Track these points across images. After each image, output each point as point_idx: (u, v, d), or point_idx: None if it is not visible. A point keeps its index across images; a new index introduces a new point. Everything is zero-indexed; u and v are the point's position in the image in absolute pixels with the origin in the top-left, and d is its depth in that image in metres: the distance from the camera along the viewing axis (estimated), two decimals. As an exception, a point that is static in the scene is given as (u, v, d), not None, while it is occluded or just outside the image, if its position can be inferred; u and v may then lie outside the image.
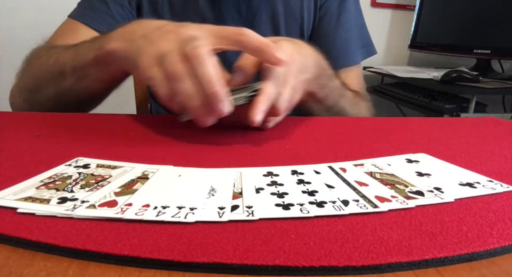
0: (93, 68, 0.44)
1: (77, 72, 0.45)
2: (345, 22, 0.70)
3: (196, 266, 0.18)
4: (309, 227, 0.21)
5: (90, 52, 0.43)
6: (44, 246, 0.19)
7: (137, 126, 0.42)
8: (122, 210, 0.21)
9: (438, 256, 0.19)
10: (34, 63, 0.51)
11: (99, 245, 0.18)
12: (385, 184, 0.27)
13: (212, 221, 0.21)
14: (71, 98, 0.48)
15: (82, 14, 0.59)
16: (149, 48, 0.36)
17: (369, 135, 0.42)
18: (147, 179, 0.26)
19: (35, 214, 0.21)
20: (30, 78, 0.51)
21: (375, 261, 0.18)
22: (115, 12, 0.60)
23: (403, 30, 1.93)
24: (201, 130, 0.41)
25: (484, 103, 1.50)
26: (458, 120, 0.51)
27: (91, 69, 0.44)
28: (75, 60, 0.45)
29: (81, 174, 0.27)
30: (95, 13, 0.59)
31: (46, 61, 0.49)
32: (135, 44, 0.38)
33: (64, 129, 0.39)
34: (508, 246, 0.20)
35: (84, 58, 0.44)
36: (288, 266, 0.17)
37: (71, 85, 0.47)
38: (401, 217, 0.22)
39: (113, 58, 0.41)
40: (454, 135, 0.43)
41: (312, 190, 0.25)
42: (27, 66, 0.53)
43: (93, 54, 0.43)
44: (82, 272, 0.17)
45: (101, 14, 0.59)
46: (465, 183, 0.28)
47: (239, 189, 0.25)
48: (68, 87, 0.47)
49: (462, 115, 1.37)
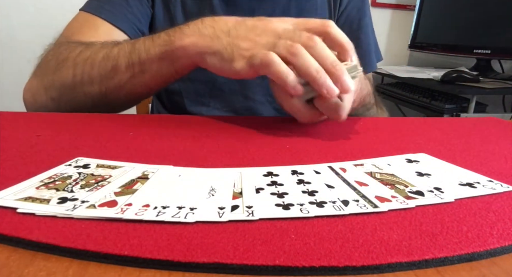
0: (156, 63, 0.44)
1: (134, 68, 0.45)
2: (365, 27, 0.71)
3: (196, 266, 0.18)
4: (309, 227, 0.21)
5: (154, 47, 0.43)
6: (44, 246, 0.19)
7: (137, 126, 0.42)
8: (122, 210, 0.21)
9: (438, 256, 0.19)
10: (69, 60, 0.48)
11: (99, 245, 0.18)
12: (385, 184, 0.27)
13: (212, 221, 0.21)
14: (121, 94, 0.47)
15: (101, 9, 0.56)
16: (244, 43, 0.38)
17: (369, 135, 0.42)
18: (147, 179, 0.26)
19: (35, 214, 0.21)
20: (64, 75, 0.48)
21: (375, 261, 0.18)
22: (135, 8, 0.59)
23: (403, 30, 1.93)
24: (201, 131, 0.41)
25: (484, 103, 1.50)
26: (458, 120, 0.51)
27: (154, 65, 0.44)
28: (131, 55, 0.45)
29: (81, 174, 0.27)
30: (115, 9, 0.57)
31: (90, 58, 0.47)
32: (221, 40, 0.39)
33: (64, 129, 0.39)
34: (508, 246, 0.20)
35: (145, 53, 0.44)
36: (288, 266, 0.17)
37: (124, 81, 0.46)
38: (401, 217, 0.22)
39: (186, 54, 0.41)
40: (454, 135, 0.43)
41: (312, 190, 0.25)
42: (54, 63, 0.49)
43: (158, 49, 0.43)
44: (82, 272, 0.17)
45: (121, 9, 0.57)
46: (465, 183, 0.28)
47: (239, 189, 0.25)
48: (120, 84, 0.46)
49: (462, 115, 1.37)
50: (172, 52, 0.42)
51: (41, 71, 0.51)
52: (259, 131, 0.41)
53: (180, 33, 0.42)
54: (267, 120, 0.47)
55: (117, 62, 0.45)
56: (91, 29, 0.55)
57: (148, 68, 0.44)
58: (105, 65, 0.46)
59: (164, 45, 0.43)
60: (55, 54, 0.51)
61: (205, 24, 0.41)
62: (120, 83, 0.46)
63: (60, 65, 0.49)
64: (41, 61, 0.52)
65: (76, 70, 0.47)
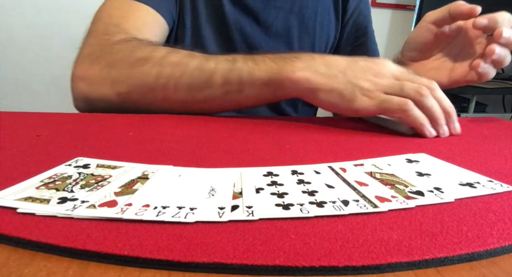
0: (257, 87, 0.44)
1: (231, 86, 0.45)
2: (371, 33, 0.73)
3: (196, 266, 0.18)
4: (309, 227, 0.21)
5: (259, 71, 0.43)
6: (44, 246, 0.19)
7: (137, 126, 0.42)
8: (122, 210, 0.21)
9: (438, 256, 0.19)
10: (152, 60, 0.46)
11: (99, 245, 0.18)
12: (385, 184, 0.27)
13: (212, 221, 0.21)
14: (205, 106, 0.47)
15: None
16: (365, 83, 0.41)
17: (369, 135, 0.42)
18: (147, 179, 0.26)
19: (35, 214, 0.21)
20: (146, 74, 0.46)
21: (375, 261, 0.18)
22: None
23: (403, 30, 1.93)
24: (201, 130, 0.41)
25: (484, 103, 1.50)
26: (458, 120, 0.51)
27: (255, 88, 0.44)
28: (230, 73, 0.44)
29: (81, 174, 0.27)
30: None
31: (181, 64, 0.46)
32: (338, 79, 0.41)
33: (64, 129, 0.39)
34: (508, 246, 0.20)
35: (247, 75, 0.44)
36: (288, 266, 0.17)
37: (216, 96, 0.46)
38: (401, 217, 0.22)
39: (295, 87, 0.42)
40: (454, 135, 0.43)
41: (312, 190, 0.25)
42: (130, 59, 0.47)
43: (265, 74, 0.43)
44: (82, 272, 0.17)
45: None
46: (465, 183, 0.28)
47: (239, 189, 0.25)
48: (210, 97, 0.46)
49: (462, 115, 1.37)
50: (280, 82, 0.43)
51: (107, 62, 0.48)
52: (259, 131, 0.41)
53: (292, 66, 0.42)
54: (267, 120, 0.47)
55: (213, 76, 0.45)
56: (134, 15, 0.53)
57: (247, 90, 0.45)
58: (198, 75, 0.45)
59: (272, 72, 0.43)
60: (128, 49, 0.48)
61: (317, 61, 0.43)
62: (210, 96, 0.46)
63: (140, 62, 0.46)
64: (99, 50, 0.49)
65: (162, 72, 0.46)
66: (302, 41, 0.67)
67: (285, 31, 0.66)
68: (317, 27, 0.68)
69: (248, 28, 0.63)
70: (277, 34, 0.65)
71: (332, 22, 0.70)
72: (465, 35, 0.52)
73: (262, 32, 0.64)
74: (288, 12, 0.65)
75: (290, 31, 0.66)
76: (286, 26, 0.65)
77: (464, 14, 0.48)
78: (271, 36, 0.65)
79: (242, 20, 0.63)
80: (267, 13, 0.64)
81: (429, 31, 0.53)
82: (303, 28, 0.67)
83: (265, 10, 0.63)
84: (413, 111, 0.40)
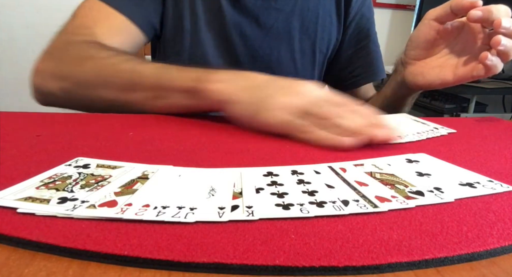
0: (180, 95, 0.44)
1: (159, 92, 0.45)
2: (373, 36, 0.74)
3: (196, 266, 0.18)
4: (309, 227, 0.21)
5: (183, 79, 0.44)
6: (44, 246, 0.19)
7: (137, 126, 0.42)
8: (122, 210, 0.21)
9: (438, 256, 0.19)
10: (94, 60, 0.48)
11: (99, 245, 0.18)
12: (385, 184, 0.27)
13: (212, 221, 0.21)
14: (137, 107, 0.47)
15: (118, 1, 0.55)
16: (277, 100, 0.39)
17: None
18: (147, 179, 0.26)
19: (35, 214, 0.21)
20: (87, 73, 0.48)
21: (375, 261, 0.18)
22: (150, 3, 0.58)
23: (403, 30, 1.93)
24: (201, 131, 0.41)
25: (484, 103, 1.51)
26: (458, 120, 0.51)
27: (178, 95, 0.44)
28: (159, 79, 0.45)
29: (81, 174, 0.27)
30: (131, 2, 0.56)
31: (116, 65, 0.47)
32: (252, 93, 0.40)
33: (64, 129, 0.39)
34: (508, 246, 0.20)
35: (173, 83, 0.44)
36: (288, 266, 0.17)
37: (144, 100, 0.46)
38: (401, 217, 0.22)
39: (210, 97, 0.42)
40: (454, 135, 0.43)
41: (312, 190, 0.25)
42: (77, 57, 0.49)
43: (187, 84, 0.43)
44: (82, 272, 0.17)
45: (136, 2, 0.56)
46: (465, 183, 0.28)
47: (239, 189, 0.25)
48: (138, 99, 0.47)
49: (462, 115, 1.37)
50: (197, 91, 0.43)
51: (60, 58, 0.51)
52: (259, 131, 0.41)
53: (210, 77, 0.42)
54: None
55: (142, 80, 0.46)
56: (107, 22, 0.54)
57: (171, 96, 0.45)
58: (128, 78, 0.46)
59: (192, 81, 0.43)
60: (79, 47, 0.50)
61: (237, 75, 0.43)
62: (138, 99, 0.47)
63: (84, 61, 0.48)
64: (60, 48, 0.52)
65: (100, 72, 0.47)
66: (303, 43, 0.67)
67: (286, 33, 0.66)
68: (318, 29, 0.68)
69: (248, 31, 0.63)
70: (277, 36, 0.65)
71: (334, 24, 0.70)
72: (468, 31, 0.52)
73: (262, 34, 0.64)
74: (289, 14, 0.65)
75: (291, 33, 0.66)
76: (287, 28, 0.65)
77: (465, 8, 0.47)
78: (271, 38, 0.65)
79: (242, 22, 0.63)
80: (267, 15, 0.64)
81: (431, 28, 0.53)
82: (304, 30, 0.67)
83: (266, 12, 0.63)
84: (314, 133, 0.38)
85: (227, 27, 0.62)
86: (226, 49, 0.63)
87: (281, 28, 0.65)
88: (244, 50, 0.64)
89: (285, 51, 0.66)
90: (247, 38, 0.63)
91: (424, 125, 0.46)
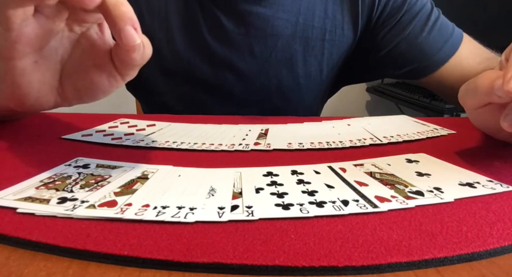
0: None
1: None
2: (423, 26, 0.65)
3: (196, 266, 0.18)
4: (309, 227, 0.21)
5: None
6: (44, 246, 0.19)
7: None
8: (122, 210, 0.21)
9: (438, 256, 0.19)
10: None
11: (99, 245, 0.18)
12: (385, 184, 0.27)
13: (212, 221, 0.21)
14: None
15: None
16: None
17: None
18: (147, 179, 0.26)
19: (35, 214, 0.21)
20: None
21: (375, 261, 0.18)
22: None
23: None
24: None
25: (484, 103, 1.50)
26: (458, 120, 0.51)
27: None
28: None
29: (81, 174, 0.27)
30: None
31: None
32: None
33: (64, 129, 0.39)
34: (508, 246, 0.20)
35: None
36: (288, 266, 0.17)
37: None
38: (401, 217, 0.22)
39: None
40: (454, 135, 0.43)
41: (312, 190, 0.25)
42: None
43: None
44: (82, 272, 0.17)
45: None
46: (465, 183, 0.28)
47: (239, 189, 0.25)
48: None
49: (462, 115, 1.37)
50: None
51: None
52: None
53: None
54: (268, 120, 0.47)
55: None
56: None
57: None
58: None
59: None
60: None
61: None
62: None
63: None
64: None
65: None
66: (307, 65, 0.60)
67: (287, 59, 0.59)
68: (325, 46, 0.60)
69: (241, 65, 0.57)
70: (277, 63, 0.59)
71: (345, 35, 0.62)
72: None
73: (258, 66, 0.58)
74: (289, 38, 0.58)
75: (293, 57, 0.59)
76: (288, 53, 0.58)
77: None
78: (269, 68, 0.58)
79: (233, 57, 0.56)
80: (263, 44, 0.57)
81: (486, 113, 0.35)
82: (308, 51, 0.60)
83: (261, 41, 0.56)
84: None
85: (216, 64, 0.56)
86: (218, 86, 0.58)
87: (280, 55, 0.58)
88: (237, 84, 0.58)
89: (286, 78, 0.60)
90: (240, 71, 0.57)
91: (424, 126, 0.46)
